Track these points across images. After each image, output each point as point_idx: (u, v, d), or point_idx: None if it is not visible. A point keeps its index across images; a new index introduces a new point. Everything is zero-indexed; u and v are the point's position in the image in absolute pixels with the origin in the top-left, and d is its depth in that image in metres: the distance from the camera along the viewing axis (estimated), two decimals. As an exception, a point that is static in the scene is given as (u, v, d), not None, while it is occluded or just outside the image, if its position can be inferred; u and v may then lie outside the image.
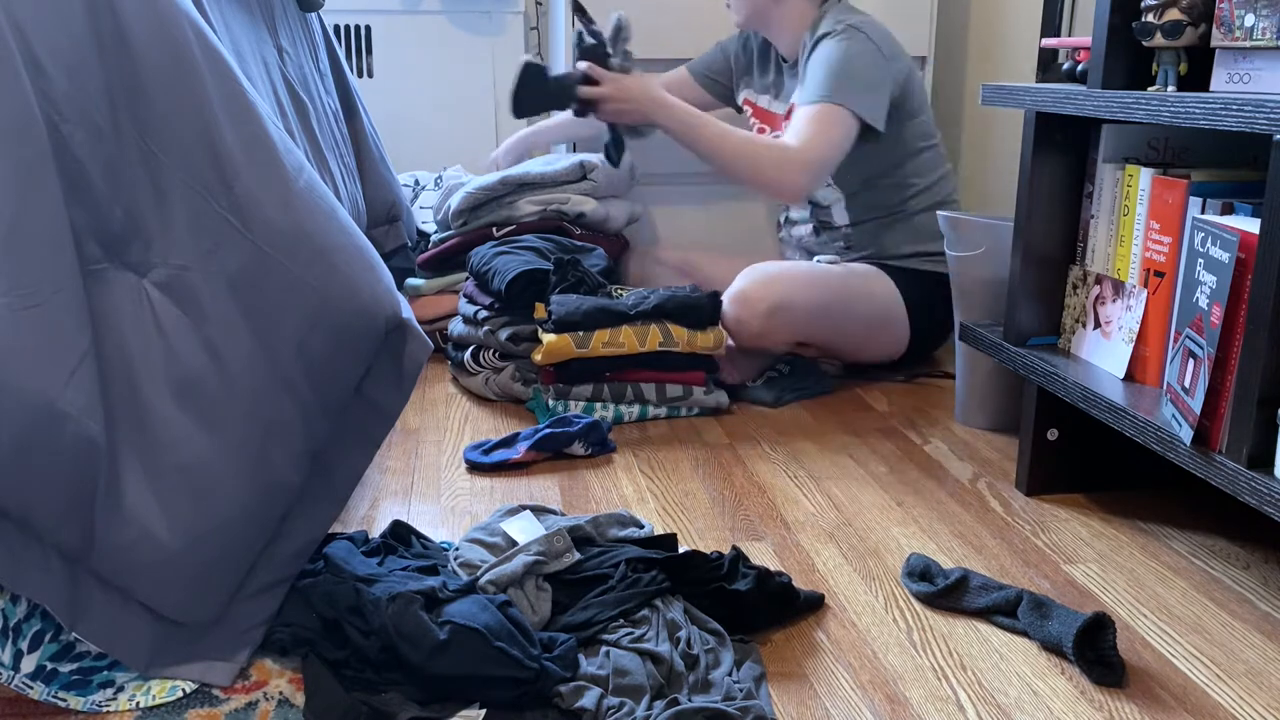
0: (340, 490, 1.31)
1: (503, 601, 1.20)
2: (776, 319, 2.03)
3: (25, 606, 1.14)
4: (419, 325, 1.31)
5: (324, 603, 1.21)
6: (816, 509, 1.63)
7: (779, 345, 2.11)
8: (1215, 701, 1.17)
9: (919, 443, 1.91)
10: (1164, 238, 1.46)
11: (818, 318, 2.08)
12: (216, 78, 1.19)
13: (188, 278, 1.17)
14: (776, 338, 2.07)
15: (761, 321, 2.03)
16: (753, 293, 2.03)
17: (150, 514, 1.12)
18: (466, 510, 1.62)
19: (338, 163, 2.01)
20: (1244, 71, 1.31)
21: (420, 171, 2.71)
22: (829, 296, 2.08)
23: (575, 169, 2.33)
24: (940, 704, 1.16)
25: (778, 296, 2.03)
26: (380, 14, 2.79)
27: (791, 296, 2.04)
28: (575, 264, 2.06)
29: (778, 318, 2.03)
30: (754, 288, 2.04)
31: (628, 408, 1.99)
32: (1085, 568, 1.46)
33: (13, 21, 1.07)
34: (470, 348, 2.13)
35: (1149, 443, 1.37)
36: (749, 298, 2.03)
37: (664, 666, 1.16)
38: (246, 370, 1.19)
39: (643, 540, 1.40)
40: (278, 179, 1.21)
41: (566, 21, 2.54)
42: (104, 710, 1.13)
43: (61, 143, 1.10)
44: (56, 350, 1.06)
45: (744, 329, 2.04)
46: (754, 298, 2.03)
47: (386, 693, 1.13)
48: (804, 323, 2.07)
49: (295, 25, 2.04)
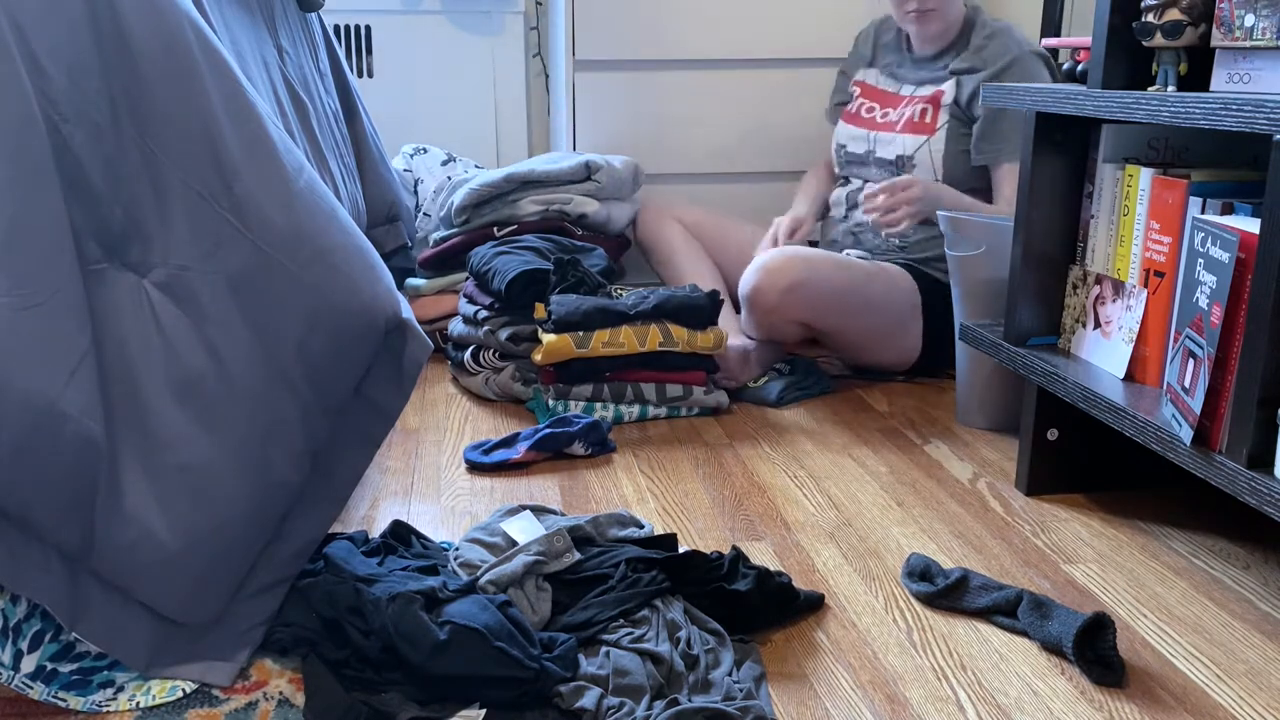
0: (340, 490, 1.31)
1: (503, 601, 1.20)
2: (795, 295, 2.04)
3: (25, 606, 1.14)
4: (419, 325, 1.31)
5: (324, 603, 1.21)
6: (816, 509, 1.63)
7: (790, 326, 2.11)
8: (1215, 701, 1.17)
9: (919, 443, 1.91)
10: (1164, 238, 1.46)
11: (834, 304, 2.09)
12: (216, 78, 1.19)
13: (188, 278, 1.17)
14: (790, 314, 2.08)
15: (779, 295, 2.04)
16: (776, 265, 2.05)
17: (150, 514, 1.12)
18: (466, 510, 1.62)
19: (338, 163, 2.01)
20: (1244, 71, 1.31)
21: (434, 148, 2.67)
22: (850, 286, 2.09)
23: (580, 169, 2.33)
24: (940, 704, 1.16)
25: (800, 273, 2.04)
26: (380, 14, 2.79)
27: (813, 277, 2.05)
28: (575, 264, 2.06)
29: (796, 294, 2.04)
30: (779, 260, 2.06)
31: (628, 408, 1.99)
32: (1085, 568, 1.46)
33: (13, 21, 1.07)
34: (470, 348, 2.13)
35: (1149, 443, 1.37)
36: (772, 269, 2.05)
37: (664, 666, 1.16)
38: (246, 370, 1.19)
39: (643, 540, 1.40)
40: (278, 179, 1.21)
41: (566, 21, 2.55)
42: (104, 710, 1.13)
43: (61, 143, 1.10)
44: (56, 350, 1.06)
45: (761, 299, 2.05)
46: (777, 270, 2.04)
47: (386, 693, 1.13)
48: (820, 306, 2.08)
49: (295, 25, 2.04)
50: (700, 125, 2.65)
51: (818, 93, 2.59)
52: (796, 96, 2.63)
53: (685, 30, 2.58)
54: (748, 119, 2.65)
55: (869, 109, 2.30)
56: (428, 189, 2.57)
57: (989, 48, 2.14)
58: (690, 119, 2.63)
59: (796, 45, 2.62)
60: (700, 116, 2.64)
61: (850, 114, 2.33)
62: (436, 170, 2.60)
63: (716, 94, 2.63)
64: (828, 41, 2.61)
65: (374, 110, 2.38)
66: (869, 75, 2.34)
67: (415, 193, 2.58)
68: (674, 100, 2.63)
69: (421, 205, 2.57)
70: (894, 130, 2.22)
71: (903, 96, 2.25)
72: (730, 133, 2.66)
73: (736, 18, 2.59)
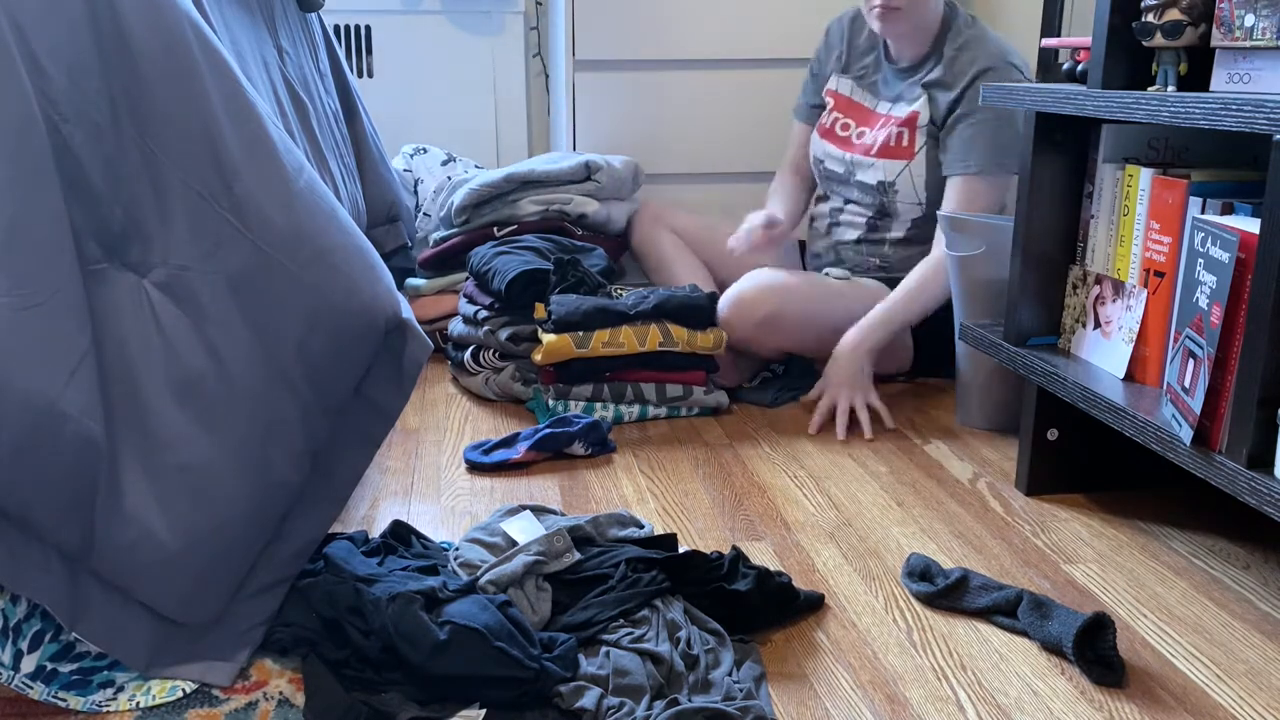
0: (340, 490, 1.31)
1: (503, 601, 1.20)
2: (767, 328, 2.05)
3: (25, 606, 1.14)
4: (419, 325, 1.31)
5: (324, 603, 1.21)
6: (816, 509, 1.63)
7: (769, 352, 2.14)
8: (1215, 701, 1.17)
9: (919, 443, 1.91)
10: (1164, 238, 1.46)
11: (811, 330, 2.08)
12: (216, 78, 1.19)
13: (188, 278, 1.17)
14: (766, 344, 2.10)
15: (752, 329, 2.05)
16: (748, 298, 2.04)
17: (150, 514, 1.12)
18: (466, 510, 1.62)
19: (338, 163, 2.01)
20: (1244, 71, 1.31)
21: (433, 148, 2.67)
22: (826, 312, 2.07)
23: (580, 169, 2.33)
24: (940, 704, 1.16)
25: (772, 307, 2.04)
26: (380, 14, 2.79)
27: (785, 309, 2.05)
28: (575, 264, 2.06)
29: (768, 327, 2.05)
30: (751, 293, 2.05)
31: (628, 408, 1.99)
32: (1085, 568, 1.46)
33: (13, 21, 1.07)
34: (470, 348, 2.13)
35: (1149, 443, 1.37)
36: (744, 302, 2.04)
37: (664, 666, 1.16)
38: (246, 370, 1.19)
39: (643, 540, 1.40)
40: (278, 179, 1.21)
41: (566, 21, 2.55)
42: (104, 710, 1.13)
43: (61, 143, 1.10)
44: (56, 350, 1.06)
45: (734, 332, 2.05)
46: (748, 303, 2.04)
47: (386, 693, 1.13)
48: (796, 334, 2.08)
49: (295, 25, 2.04)
50: (700, 125, 2.65)
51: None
52: (796, 96, 2.63)
53: (685, 30, 2.58)
54: (747, 119, 2.65)
55: (844, 125, 2.25)
56: (428, 189, 2.57)
57: (959, 60, 2.08)
58: (690, 119, 2.63)
59: (797, 45, 2.61)
60: (700, 116, 2.64)
61: (826, 129, 2.28)
62: (436, 170, 2.60)
63: (716, 94, 2.63)
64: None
65: (374, 110, 2.38)
66: (843, 85, 2.27)
67: (415, 193, 2.58)
68: (674, 100, 2.63)
69: (421, 205, 2.57)
70: (871, 155, 2.17)
71: (879, 115, 2.20)
72: (730, 133, 2.66)
73: (737, 18, 2.59)
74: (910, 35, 2.12)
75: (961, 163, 2.05)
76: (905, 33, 2.11)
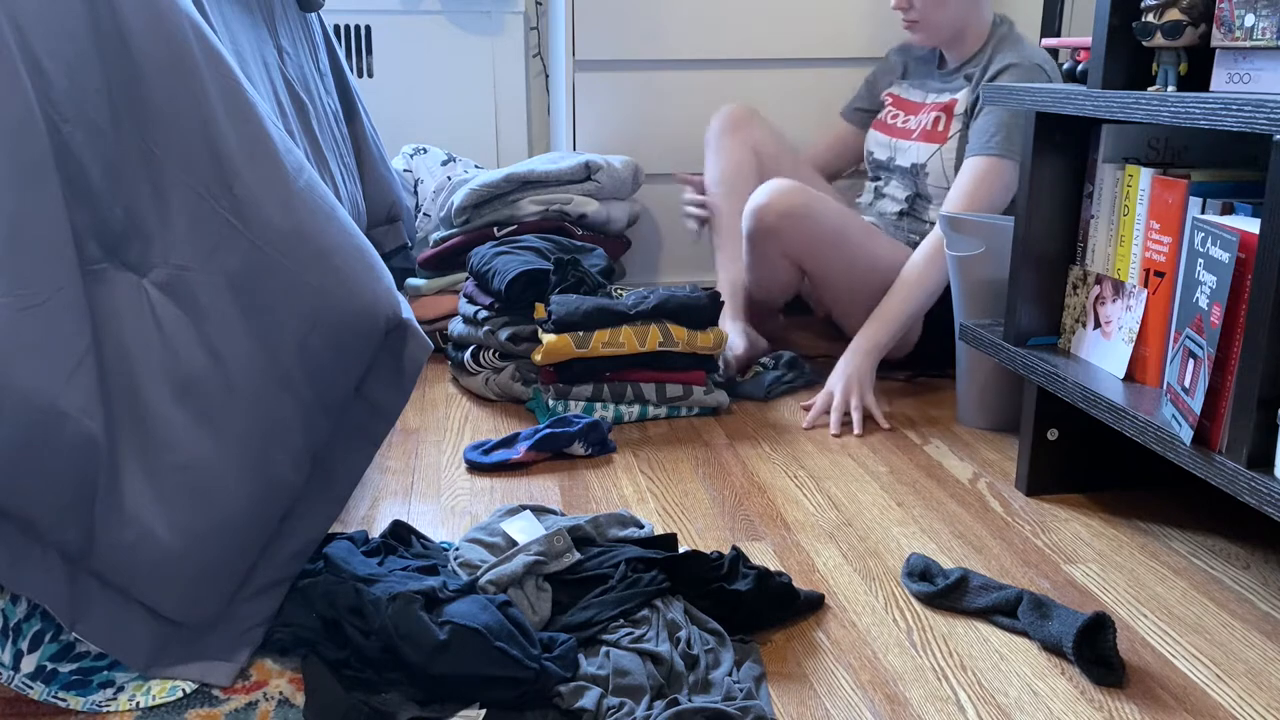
0: (340, 490, 1.31)
1: (503, 601, 1.20)
2: (792, 220, 2.10)
3: (25, 606, 1.14)
4: (419, 325, 1.31)
5: (324, 603, 1.21)
6: (816, 509, 1.63)
7: (783, 261, 2.16)
8: (1215, 701, 1.17)
9: (919, 443, 1.91)
10: (1164, 238, 1.46)
11: (827, 243, 2.13)
12: (216, 78, 1.19)
13: (188, 277, 1.17)
14: (785, 241, 2.13)
15: (778, 217, 2.10)
16: (785, 187, 2.10)
17: (150, 514, 1.12)
18: (466, 510, 1.62)
19: (338, 163, 2.01)
20: (1244, 71, 1.31)
21: (433, 148, 2.67)
22: (845, 232, 2.13)
23: (580, 169, 2.33)
24: (940, 704, 1.16)
25: (803, 202, 2.10)
26: (380, 14, 2.79)
27: (814, 210, 2.11)
28: (575, 264, 2.06)
29: (794, 219, 2.10)
30: (788, 185, 2.11)
31: (628, 408, 1.99)
32: (1085, 568, 1.46)
33: (13, 21, 1.07)
34: (470, 348, 2.13)
35: (1149, 443, 1.37)
36: (780, 189, 2.10)
37: (664, 666, 1.16)
38: (246, 370, 1.19)
39: (643, 540, 1.40)
40: (278, 179, 1.21)
41: (566, 21, 2.55)
42: (104, 710, 1.13)
43: (61, 143, 1.10)
44: (56, 350, 1.06)
45: (762, 214, 2.10)
46: (783, 192, 2.10)
47: (386, 693, 1.13)
48: (814, 239, 2.12)
49: (295, 25, 2.04)
50: (700, 125, 2.64)
51: (818, 93, 2.60)
52: (797, 96, 2.63)
53: (685, 30, 2.58)
54: (748, 119, 2.65)
55: (894, 115, 2.33)
56: (428, 189, 2.57)
57: (995, 55, 2.16)
58: (690, 119, 2.63)
59: (797, 45, 2.62)
60: (700, 116, 2.64)
61: (880, 122, 2.36)
62: (436, 170, 2.60)
63: (716, 94, 2.63)
64: (828, 41, 2.61)
65: (374, 110, 2.38)
66: (900, 88, 2.36)
67: (415, 193, 2.58)
68: (674, 100, 2.63)
69: (421, 205, 2.57)
70: (911, 138, 2.24)
71: (923, 104, 2.27)
72: (730, 133, 2.65)
73: (736, 18, 2.59)
74: (949, 42, 2.22)
75: (979, 144, 2.09)
76: (943, 40, 2.22)
